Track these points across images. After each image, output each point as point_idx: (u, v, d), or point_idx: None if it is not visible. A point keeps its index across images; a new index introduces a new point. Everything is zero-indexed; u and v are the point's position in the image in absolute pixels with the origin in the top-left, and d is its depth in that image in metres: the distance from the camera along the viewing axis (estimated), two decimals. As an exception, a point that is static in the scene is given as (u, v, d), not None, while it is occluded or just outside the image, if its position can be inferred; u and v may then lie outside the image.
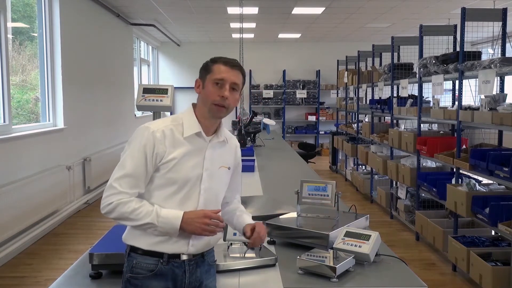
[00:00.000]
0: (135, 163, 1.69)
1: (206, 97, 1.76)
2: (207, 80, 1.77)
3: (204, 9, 8.72)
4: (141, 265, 1.71)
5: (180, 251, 1.73)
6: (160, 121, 1.79)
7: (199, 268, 1.78)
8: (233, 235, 2.08)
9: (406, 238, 5.78)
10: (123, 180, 1.68)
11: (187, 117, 1.78)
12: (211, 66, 1.79)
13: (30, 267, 4.67)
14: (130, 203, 1.66)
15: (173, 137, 1.72)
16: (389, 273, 1.97)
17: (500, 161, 3.99)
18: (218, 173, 1.82)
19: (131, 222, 1.67)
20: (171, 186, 1.71)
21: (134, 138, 1.74)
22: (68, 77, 6.44)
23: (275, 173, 4.44)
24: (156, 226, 1.66)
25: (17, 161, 5.14)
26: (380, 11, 8.82)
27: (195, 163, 1.75)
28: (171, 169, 1.70)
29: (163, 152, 1.70)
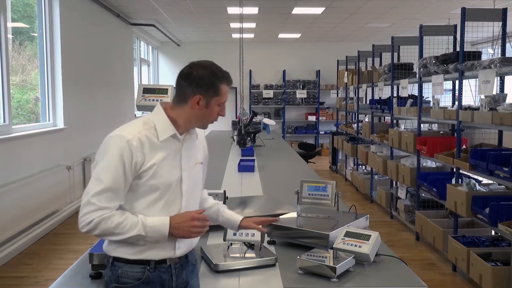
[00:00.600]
0: (113, 176, 1.60)
1: (208, 116, 1.75)
2: (213, 102, 1.74)
3: (204, 9, 8.72)
4: (127, 274, 1.67)
5: (168, 256, 1.71)
6: (131, 127, 1.69)
7: (185, 270, 1.77)
8: (233, 235, 2.08)
9: (406, 238, 5.78)
10: (102, 195, 1.59)
11: (159, 119, 1.71)
12: (219, 87, 1.74)
13: (30, 267, 4.67)
14: (113, 218, 1.59)
15: (150, 143, 1.66)
16: (389, 273, 1.97)
17: (500, 161, 3.98)
18: (194, 171, 1.81)
19: (117, 237, 1.61)
20: (154, 192, 1.67)
21: (108, 148, 1.64)
22: (68, 77, 6.44)
23: (275, 173, 4.44)
24: (145, 237, 1.62)
25: (17, 161, 5.14)
26: (380, 11, 8.82)
27: (174, 165, 1.71)
28: (152, 175, 1.65)
29: (142, 160, 1.63)
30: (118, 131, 1.67)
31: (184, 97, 1.72)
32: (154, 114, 1.74)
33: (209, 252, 2.05)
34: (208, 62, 1.78)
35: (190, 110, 1.72)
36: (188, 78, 1.72)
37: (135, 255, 1.66)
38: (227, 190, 2.79)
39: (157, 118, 1.72)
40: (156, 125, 1.70)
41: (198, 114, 1.74)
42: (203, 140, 1.93)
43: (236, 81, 8.14)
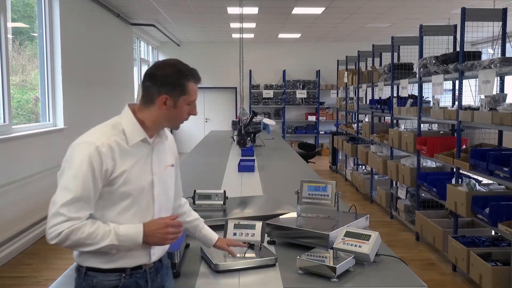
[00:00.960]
0: (82, 185, 1.53)
1: (177, 116, 1.70)
2: (181, 101, 1.67)
3: (204, 9, 8.72)
4: (102, 283, 1.62)
5: (143, 263, 1.67)
6: (99, 132, 1.62)
7: (159, 273, 1.75)
8: (233, 235, 2.08)
9: (406, 238, 5.78)
10: (71, 205, 1.51)
11: (128, 123, 1.65)
12: (186, 85, 1.67)
13: (30, 267, 4.67)
14: (84, 228, 1.52)
15: (119, 148, 1.60)
16: (389, 273, 1.97)
17: (500, 161, 3.98)
18: (165, 174, 1.76)
19: (89, 247, 1.54)
20: (126, 199, 1.61)
21: (75, 156, 1.57)
22: (68, 77, 6.44)
23: (275, 173, 4.44)
24: (118, 246, 1.56)
25: (17, 161, 5.14)
26: (380, 11, 8.82)
27: (145, 170, 1.66)
28: (123, 182, 1.59)
29: (112, 167, 1.57)
30: (85, 138, 1.61)
31: (150, 98, 1.66)
32: (122, 117, 1.68)
33: (209, 252, 2.05)
34: (174, 60, 1.72)
35: (157, 111, 1.67)
36: (152, 78, 1.66)
37: (109, 264, 1.62)
38: (227, 190, 2.79)
39: (125, 122, 1.66)
40: (125, 129, 1.64)
41: (167, 115, 1.68)
42: (173, 141, 1.87)
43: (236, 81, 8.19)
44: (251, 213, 2.68)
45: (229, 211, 2.67)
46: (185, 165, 4.89)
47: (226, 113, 13.81)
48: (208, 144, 7.07)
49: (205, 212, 2.64)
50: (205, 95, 13.84)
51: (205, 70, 13.32)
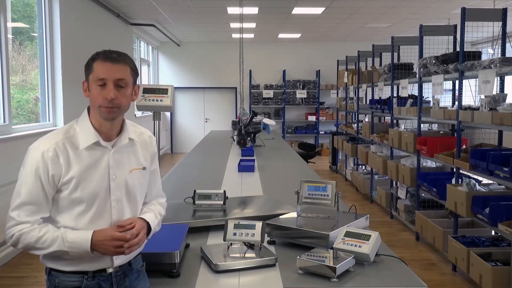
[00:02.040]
0: (30, 189, 1.53)
1: (92, 99, 1.60)
2: (90, 81, 1.60)
3: (204, 9, 8.72)
4: (64, 283, 1.61)
5: (104, 267, 1.64)
6: (51, 136, 1.59)
7: (127, 277, 1.71)
8: (233, 235, 2.08)
9: (406, 238, 5.78)
10: (21, 209, 1.53)
11: (82, 126, 1.62)
12: (92, 64, 1.60)
13: (30, 267, 4.67)
14: (33, 232, 1.51)
15: (67, 154, 1.56)
16: (389, 273, 1.97)
17: (500, 161, 3.98)
18: (130, 178, 1.67)
19: (39, 251, 1.55)
20: (78, 205, 1.57)
21: (26, 161, 1.56)
22: (68, 77, 6.44)
23: (275, 173, 4.44)
24: (67, 252, 1.53)
25: (17, 161, 5.12)
26: (380, 11, 8.82)
27: (100, 175, 1.60)
28: (74, 188, 1.55)
29: (59, 172, 1.54)
30: (36, 142, 1.58)
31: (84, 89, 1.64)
32: (79, 120, 1.65)
33: (209, 252, 2.05)
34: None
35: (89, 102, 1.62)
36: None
37: (70, 267, 1.60)
38: (227, 190, 2.79)
39: (79, 125, 1.63)
40: (78, 132, 1.60)
41: (90, 102, 1.62)
42: (150, 142, 1.79)
43: (236, 81, 8.19)
44: (251, 213, 2.68)
45: (229, 211, 2.67)
46: (185, 165, 4.89)
47: (226, 113, 13.82)
48: (208, 144, 7.07)
49: (205, 212, 2.64)
50: (205, 95, 13.84)
51: (205, 70, 13.38)
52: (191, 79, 13.43)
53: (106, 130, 1.63)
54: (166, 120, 13.51)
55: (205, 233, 2.43)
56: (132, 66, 1.65)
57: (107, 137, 1.64)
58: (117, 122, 1.66)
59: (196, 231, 2.41)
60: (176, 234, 2.12)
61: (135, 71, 1.67)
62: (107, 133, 1.64)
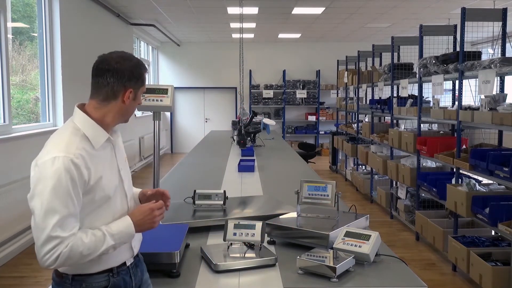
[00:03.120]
0: (67, 201, 1.46)
1: (133, 108, 1.69)
2: (140, 92, 1.67)
3: (204, 9, 8.72)
4: (92, 285, 1.60)
5: (127, 258, 1.69)
6: (65, 143, 1.53)
7: (139, 268, 1.77)
8: (233, 235, 2.08)
9: (406, 238, 5.78)
10: (63, 224, 1.45)
11: (87, 125, 1.59)
12: (143, 75, 1.67)
13: (30, 267, 4.67)
14: (79, 242, 1.47)
15: (90, 155, 1.55)
16: (389, 273, 1.97)
17: (500, 161, 3.99)
18: (126, 166, 1.78)
19: (89, 257, 1.51)
20: (106, 202, 1.60)
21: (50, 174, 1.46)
22: (68, 77, 6.44)
23: (275, 173, 4.44)
24: (115, 245, 1.56)
25: (17, 161, 5.14)
26: (380, 11, 8.83)
27: (114, 168, 1.67)
28: (102, 187, 1.57)
29: (88, 176, 1.52)
30: (53, 153, 1.50)
31: (113, 93, 1.61)
32: (77, 121, 1.61)
33: (209, 252, 2.05)
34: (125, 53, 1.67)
35: (120, 106, 1.64)
36: (117, 73, 1.60)
37: (97, 268, 1.60)
38: (227, 190, 2.79)
39: (83, 125, 1.59)
40: (86, 133, 1.58)
41: (126, 109, 1.66)
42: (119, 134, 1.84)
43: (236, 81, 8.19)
44: (251, 213, 2.68)
45: (229, 211, 2.67)
46: (185, 165, 4.89)
47: (226, 113, 13.82)
48: (208, 144, 7.07)
49: (205, 212, 2.65)
50: (205, 95, 13.84)
51: (205, 70, 13.37)
52: (191, 79, 13.43)
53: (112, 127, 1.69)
54: (166, 120, 13.51)
55: (205, 233, 2.43)
56: None
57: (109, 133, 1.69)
58: None
59: (196, 231, 2.41)
60: (176, 234, 2.12)
61: None
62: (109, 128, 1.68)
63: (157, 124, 2.64)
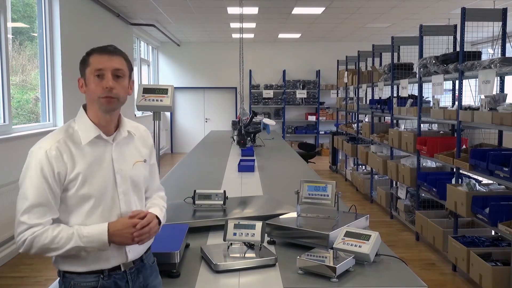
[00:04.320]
0: (37, 191, 1.51)
1: (91, 93, 1.59)
2: (88, 75, 1.59)
3: (204, 9, 8.72)
4: (80, 285, 1.59)
5: (120, 262, 1.64)
6: (52, 136, 1.59)
7: (141, 274, 1.72)
8: (233, 235, 2.08)
9: (406, 238, 5.78)
10: (30, 212, 1.51)
11: (80, 122, 1.63)
12: (87, 59, 1.60)
13: (30, 267, 4.67)
14: (46, 233, 1.50)
15: (70, 151, 1.56)
16: (389, 273, 1.97)
17: (500, 161, 3.98)
18: (134, 171, 1.70)
19: (55, 252, 1.52)
20: (87, 202, 1.57)
21: (29, 163, 1.55)
22: (68, 77, 6.44)
23: (275, 173, 4.44)
24: (84, 247, 1.52)
25: (17, 161, 5.12)
26: (380, 11, 8.82)
27: (105, 169, 1.61)
28: (81, 185, 1.56)
29: (65, 170, 1.54)
30: (37, 144, 1.58)
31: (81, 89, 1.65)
32: (77, 118, 1.65)
33: (209, 252, 2.05)
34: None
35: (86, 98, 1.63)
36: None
37: (86, 267, 1.59)
38: (227, 190, 2.79)
39: (78, 122, 1.63)
40: (78, 129, 1.61)
41: (87, 97, 1.62)
42: (147, 136, 1.82)
43: (236, 81, 8.20)
44: (251, 213, 2.68)
45: (229, 211, 2.67)
46: (185, 165, 4.89)
47: (226, 113, 13.82)
48: (208, 144, 7.07)
49: (205, 212, 2.65)
50: (205, 95, 13.84)
51: (205, 70, 13.38)
52: (191, 79, 13.43)
53: (105, 124, 1.64)
54: (166, 120, 13.51)
55: (205, 233, 2.43)
56: (127, 59, 1.67)
57: (107, 131, 1.65)
58: (115, 115, 1.67)
59: (196, 231, 2.41)
60: (176, 234, 2.12)
61: (130, 64, 1.69)
62: (107, 126, 1.65)
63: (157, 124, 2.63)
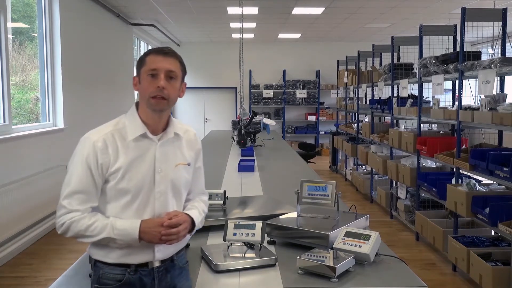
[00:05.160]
0: (80, 178, 1.60)
1: (143, 91, 1.66)
2: (142, 74, 1.66)
3: (204, 9, 8.72)
4: (107, 275, 1.66)
5: (147, 260, 1.68)
6: (102, 128, 1.68)
7: (169, 273, 1.73)
8: (233, 235, 2.08)
9: (406, 238, 5.78)
10: (71, 197, 1.59)
11: (130, 119, 1.69)
12: (144, 58, 1.67)
13: (30, 267, 4.67)
14: (83, 220, 1.58)
15: (115, 144, 1.63)
16: (389, 273, 1.97)
17: (500, 161, 3.98)
18: (175, 172, 1.72)
19: (89, 239, 1.60)
20: (125, 196, 1.63)
21: (77, 151, 1.64)
22: (68, 77, 6.44)
23: (275, 173, 4.44)
24: (115, 239, 1.59)
25: (17, 161, 5.14)
26: (380, 11, 8.82)
27: (146, 167, 1.66)
28: (121, 179, 1.62)
29: (107, 162, 1.61)
30: (87, 134, 1.66)
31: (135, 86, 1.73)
32: (127, 114, 1.72)
33: (209, 252, 2.05)
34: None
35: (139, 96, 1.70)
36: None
37: (114, 259, 1.65)
38: (227, 190, 2.79)
39: (128, 118, 1.70)
40: (127, 125, 1.67)
41: (140, 94, 1.69)
42: (195, 139, 1.86)
43: (236, 81, 8.21)
44: (251, 213, 2.68)
45: (229, 211, 2.67)
46: (185, 165, 4.88)
47: (226, 113, 13.81)
48: (208, 144, 7.07)
49: (205, 212, 2.64)
50: (205, 95, 13.84)
51: (205, 70, 13.37)
52: (191, 79, 13.41)
53: (154, 123, 1.69)
54: (166, 120, 13.50)
55: (205, 233, 2.43)
56: (182, 62, 1.74)
57: (154, 130, 1.70)
58: (164, 115, 1.72)
59: (196, 231, 2.41)
60: (176, 234, 2.11)
61: (184, 67, 1.75)
62: (154, 126, 1.69)
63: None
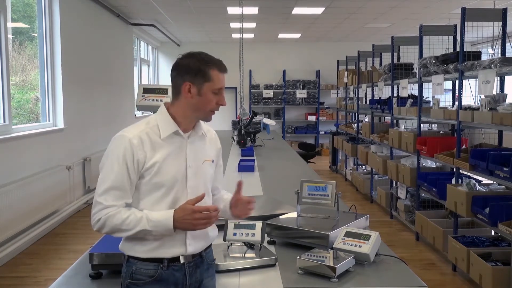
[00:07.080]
0: (116, 175, 1.65)
1: (203, 104, 1.73)
2: (206, 88, 1.71)
3: (204, 9, 8.72)
4: (140, 271, 1.70)
5: (179, 253, 1.72)
6: (134, 126, 1.74)
7: (199, 269, 1.77)
8: (233, 235, 2.08)
9: (406, 238, 5.78)
10: (107, 193, 1.64)
11: (162, 118, 1.75)
12: (209, 72, 1.71)
13: (30, 267, 4.67)
14: (118, 215, 1.63)
15: (150, 141, 1.69)
16: (389, 273, 1.97)
17: (500, 161, 3.98)
18: (202, 168, 1.80)
19: (125, 233, 1.65)
20: (159, 190, 1.69)
21: (111, 149, 1.69)
22: (68, 77, 6.44)
23: (275, 173, 4.44)
24: (150, 231, 1.63)
25: (17, 161, 5.14)
26: (380, 11, 8.82)
27: (178, 162, 1.73)
28: (156, 173, 1.68)
29: (143, 158, 1.67)
30: (121, 131, 1.72)
31: (177, 88, 1.74)
32: (157, 113, 1.78)
33: (209, 252, 2.05)
34: (199, 51, 1.76)
35: (184, 101, 1.73)
36: (176, 68, 1.74)
37: (147, 254, 1.69)
38: (227, 190, 2.79)
39: (159, 117, 1.76)
40: (159, 123, 1.73)
41: (192, 104, 1.73)
42: (216, 139, 1.93)
43: (236, 81, 8.22)
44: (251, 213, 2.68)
45: (229, 211, 2.67)
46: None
47: (226, 113, 13.80)
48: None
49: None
50: (205, 95, 13.83)
51: (205, 70, 13.36)
52: (191, 79, 13.43)
53: (188, 123, 1.77)
54: (166, 120, 13.49)
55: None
56: None
57: (185, 129, 1.77)
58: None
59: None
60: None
61: None
62: (187, 125, 1.77)
63: (157, 124, 2.63)
